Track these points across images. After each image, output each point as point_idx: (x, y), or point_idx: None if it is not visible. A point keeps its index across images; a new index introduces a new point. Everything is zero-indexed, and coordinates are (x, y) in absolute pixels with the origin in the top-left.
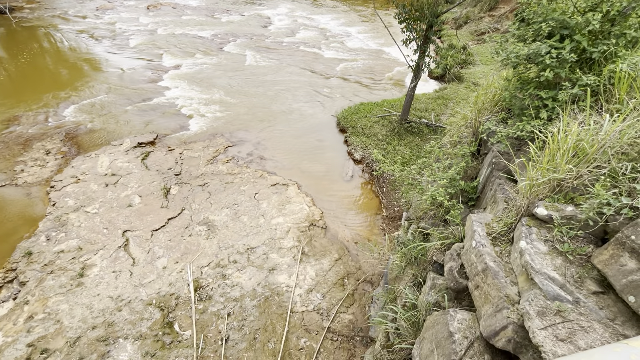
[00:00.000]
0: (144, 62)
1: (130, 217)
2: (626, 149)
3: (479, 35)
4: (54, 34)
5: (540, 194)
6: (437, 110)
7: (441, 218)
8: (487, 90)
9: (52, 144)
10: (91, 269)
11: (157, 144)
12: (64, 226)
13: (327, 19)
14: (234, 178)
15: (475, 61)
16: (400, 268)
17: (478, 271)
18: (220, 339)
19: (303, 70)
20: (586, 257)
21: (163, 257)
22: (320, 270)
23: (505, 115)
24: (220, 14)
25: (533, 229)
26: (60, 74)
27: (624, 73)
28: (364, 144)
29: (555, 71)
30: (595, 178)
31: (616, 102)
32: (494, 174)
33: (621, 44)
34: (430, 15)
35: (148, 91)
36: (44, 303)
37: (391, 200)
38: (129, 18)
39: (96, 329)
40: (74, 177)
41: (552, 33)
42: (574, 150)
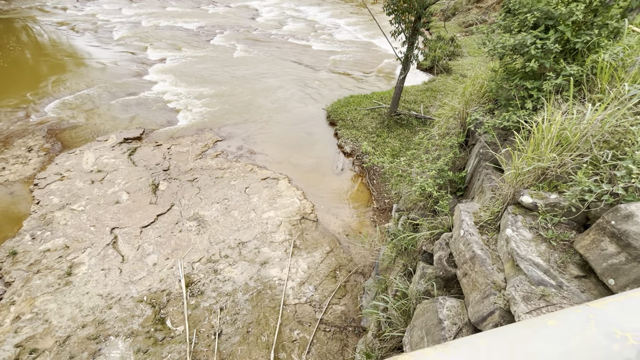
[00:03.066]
0: (128, 55)
1: (118, 214)
2: (607, 137)
3: (467, 27)
4: (32, 27)
5: (526, 182)
6: (426, 102)
7: (430, 209)
8: (475, 81)
9: (34, 140)
10: (79, 268)
11: (144, 139)
12: (49, 224)
13: (315, 10)
14: (224, 173)
15: (463, 53)
16: (390, 259)
17: (466, 259)
18: (213, 333)
19: (292, 63)
20: (569, 242)
21: (153, 254)
22: (312, 263)
23: (492, 106)
24: (206, 5)
25: (519, 217)
26: (40, 69)
27: (605, 63)
28: (354, 137)
29: (540, 62)
30: (578, 166)
31: (598, 92)
32: (482, 164)
33: (603, 35)
34: (418, 6)
35: (133, 85)
36: (31, 303)
37: (381, 192)
38: (111, 10)
39: (86, 327)
40: (59, 174)
41: (537, 24)
42: (557, 139)
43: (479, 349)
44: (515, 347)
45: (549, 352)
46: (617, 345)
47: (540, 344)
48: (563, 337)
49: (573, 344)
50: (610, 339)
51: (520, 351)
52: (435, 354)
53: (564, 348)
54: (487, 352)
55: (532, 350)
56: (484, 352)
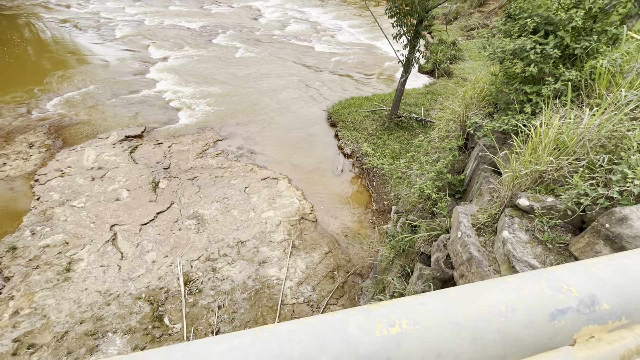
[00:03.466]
0: (131, 53)
1: (118, 211)
2: (604, 141)
3: (469, 31)
4: (35, 23)
5: (523, 185)
6: (426, 105)
7: (429, 210)
8: (475, 85)
9: (35, 136)
10: (78, 264)
11: (145, 137)
12: (49, 220)
13: (318, 12)
14: (224, 172)
15: (464, 57)
16: (389, 260)
17: (463, 260)
18: (211, 331)
19: (294, 64)
20: (564, 245)
21: (152, 251)
22: (311, 263)
23: (491, 110)
24: (209, 4)
25: (515, 219)
26: (42, 65)
27: (604, 69)
28: (354, 138)
29: (539, 66)
30: (575, 170)
31: (596, 97)
32: (480, 167)
33: (602, 41)
34: (420, 9)
35: (135, 83)
36: (29, 298)
37: (381, 194)
38: (114, 8)
39: (84, 323)
40: (59, 170)
41: (537, 29)
42: (555, 143)
43: (449, 295)
44: (478, 295)
45: (505, 298)
46: (562, 295)
47: (499, 292)
48: (517, 288)
49: (525, 292)
50: (556, 291)
51: (482, 297)
52: (414, 299)
53: (517, 295)
54: (456, 297)
55: (492, 296)
56: (453, 297)
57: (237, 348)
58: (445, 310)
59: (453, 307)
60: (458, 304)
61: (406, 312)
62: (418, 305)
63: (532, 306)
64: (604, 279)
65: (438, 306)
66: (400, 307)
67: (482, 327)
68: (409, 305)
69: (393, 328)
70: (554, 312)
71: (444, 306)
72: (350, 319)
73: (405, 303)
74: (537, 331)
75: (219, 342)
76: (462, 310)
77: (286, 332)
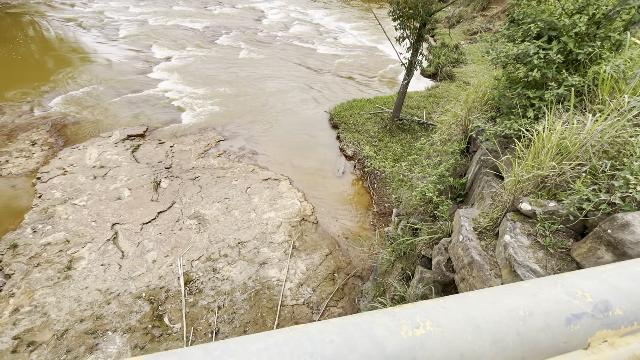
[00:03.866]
0: (134, 53)
1: (119, 210)
2: (606, 147)
3: (472, 34)
4: (39, 22)
5: (525, 190)
6: (428, 108)
7: (430, 214)
8: (478, 89)
9: (38, 134)
10: (79, 262)
11: (147, 136)
12: (50, 218)
13: (321, 14)
14: (226, 172)
15: (467, 60)
16: (389, 262)
17: (464, 264)
18: (211, 331)
19: (296, 65)
20: (566, 250)
21: (153, 251)
22: (311, 264)
23: (494, 114)
24: (212, 5)
25: (517, 224)
26: (46, 64)
27: (607, 75)
28: (356, 141)
29: (542, 71)
30: (577, 175)
31: (599, 103)
32: (482, 171)
33: (606, 47)
34: (424, 13)
35: (138, 83)
36: (30, 296)
37: (382, 196)
38: (118, 7)
39: (84, 321)
40: (61, 168)
41: (540, 34)
42: (557, 148)
43: (469, 299)
44: (497, 300)
45: (523, 303)
46: (577, 301)
47: (516, 297)
48: (534, 293)
49: (542, 297)
50: (571, 296)
51: (500, 302)
52: (435, 303)
53: (534, 300)
54: (476, 301)
55: (510, 301)
56: (473, 301)
57: (272, 346)
58: (467, 314)
59: (474, 310)
60: (478, 308)
61: (429, 315)
62: (440, 308)
63: (549, 311)
64: (616, 285)
65: (459, 309)
66: (424, 309)
67: (502, 330)
68: (431, 308)
69: (418, 330)
70: (569, 316)
71: (465, 310)
72: (377, 320)
73: (428, 306)
74: (553, 335)
75: (254, 341)
76: (482, 314)
77: (317, 332)
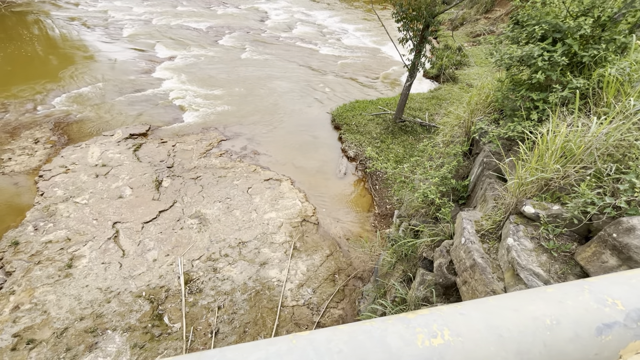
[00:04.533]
0: (138, 52)
1: (120, 208)
2: (611, 150)
3: (475, 37)
4: (44, 21)
5: (529, 192)
6: (431, 110)
7: (432, 216)
8: (481, 91)
9: (41, 132)
10: (80, 260)
11: (150, 135)
12: (52, 216)
13: (324, 15)
14: (227, 172)
15: (470, 62)
16: (390, 264)
17: (466, 267)
18: (210, 331)
19: (299, 66)
20: (570, 254)
21: (154, 250)
22: (312, 265)
23: (497, 116)
24: (216, 6)
25: (520, 227)
26: (50, 62)
27: (612, 77)
28: (358, 142)
29: (546, 74)
30: (581, 178)
31: (604, 106)
32: (485, 173)
33: (611, 49)
34: (427, 15)
35: (141, 82)
36: (30, 293)
37: (383, 197)
38: (122, 7)
39: (84, 320)
40: (64, 167)
41: (545, 36)
42: (561, 151)
43: (489, 305)
44: (520, 306)
45: (549, 310)
46: (608, 309)
47: (540, 304)
48: (560, 300)
49: (569, 304)
50: (601, 304)
51: (523, 309)
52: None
53: (560, 307)
54: (497, 308)
55: (534, 308)
56: (494, 307)
57: (273, 356)
58: (488, 322)
59: (495, 318)
60: (500, 315)
61: (447, 323)
62: (459, 316)
63: (578, 320)
64: None
65: (480, 317)
66: (441, 316)
67: (528, 341)
68: (449, 315)
69: (435, 339)
70: (600, 326)
71: (486, 317)
72: (390, 328)
73: (445, 312)
74: (583, 346)
75: (253, 349)
76: (505, 323)
77: (324, 341)
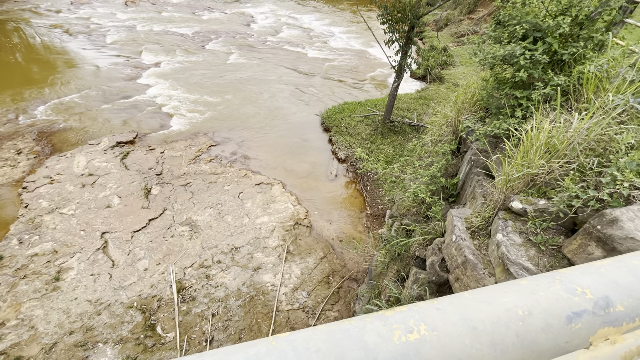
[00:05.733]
0: (122, 59)
1: (109, 218)
2: (593, 145)
3: (459, 37)
4: (24, 29)
5: (516, 188)
6: (419, 110)
7: (423, 214)
8: (467, 90)
9: (23, 143)
10: (68, 273)
11: (137, 143)
12: (37, 229)
13: (310, 18)
14: (218, 177)
15: (455, 62)
16: (384, 264)
17: (458, 264)
18: (205, 340)
19: (287, 70)
20: (557, 247)
21: (144, 259)
22: (306, 268)
23: (483, 114)
24: (201, 11)
25: (509, 222)
26: (31, 71)
27: (591, 74)
28: (348, 143)
29: (529, 72)
30: (566, 173)
31: (584, 101)
32: (473, 171)
33: (589, 47)
34: (412, 16)
35: (126, 89)
36: (16, 309)
37: (375, 198)
38: (105, 13)
39: (74, 334)
40: (48, 177)
41: (525, 35)
42: (545, 146)
43: (465, 299)
44: (493, 299)
45: (521, 301)
46: (577, 298)
47: (514, 296)
48: (532, 291)
49: (541, 295)
50: (571, 293)
51: (497, 301)
52: (429, 305)
53: (532, 298)
54: (472, 301)
55: (508, 300)
56: (469, 301)
57: (252, 358)
58: (463, 315)
59: (470, 311)
60: (475, 308)
61: (423, 318)
62: (435, 311)
63: (549, 309)
64: (616, 280)
65: (455, 311)
66: (417, 312)
67: (501, 332)
68: (425, 311)
69: (412, 334)
70: (570, 315)
71: (461, 311)
72: (368, 326)
73: (422, 308)
74: (554, 335)
75: (232, 352)
76: (479, 315)
77: (302, 341)
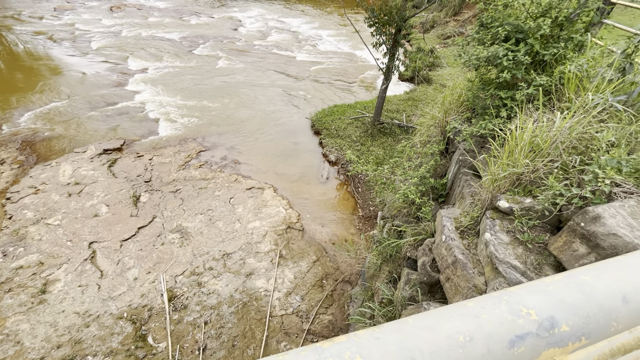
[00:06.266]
0: (108, 65)
1: (96, 227)
2: (575, 143)
3: (445, 39)
4: (6, 36)
5: (502, 187)
6: (407, 111)
7: (414, 215)
8: (453, 91)
9: (7, 152)
10: (54, 285)
11: (125, 150)
12: (22, 240)
13: (298, 22)
14: (208, 183)
15: (442, 64)
16: (376, 266)
17: (448, 264)
18: (198, 348)
19: (276, 73)
20: (544, 245)
21: (134, 268)
22: (299, 272)
23: (469, 115)
24: (189, 16)
25: (496, 221)
26: (14, 79)
27: (572, 74)
28: (338, 146)
29: (512, 72)
30: (550, 171)
31: (566, 101)
32: (461, 171)
33: (569, 47)
34: (398, 19)
35: (113, 95)
36: (1, 324)
37: (366, 200)
38: (90, 19)
39: (62, 347)
40: (33, 187)
41: (508, 37)
42: (530, 146)
43: (407, 326)
44: (435, 325)
45: (463, 327)
46: (522, 320)
47: (456, 320)
48: (476, 314)
49: (484, 319)
50: (516, 315)
51: (438, 328)
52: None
53: (476, 322)
54: (414, 328)
55: (450, 326)
56: (411, 328)
57: None
58: (402, 345)
59: (410, 340)
60: (415, 336)
61: (360, 350)
62: (373, 340)
63: (491, 334)
64: (563, 298)
65: (394, 340)
66: (355, 343)
67: None
68: (364, 341)
69: None
70: (513, 338)
71: (401, 340)
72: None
73: (360, 338)
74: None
75: None
76: (418, 344)
77: None
